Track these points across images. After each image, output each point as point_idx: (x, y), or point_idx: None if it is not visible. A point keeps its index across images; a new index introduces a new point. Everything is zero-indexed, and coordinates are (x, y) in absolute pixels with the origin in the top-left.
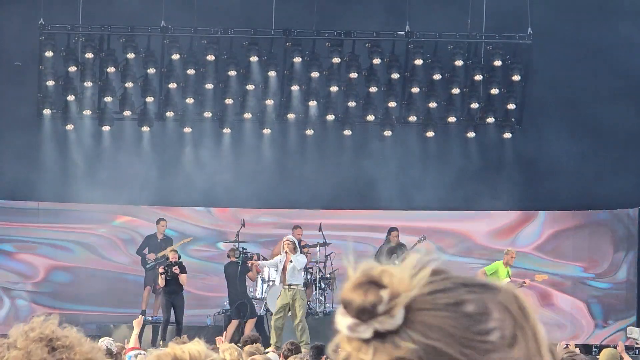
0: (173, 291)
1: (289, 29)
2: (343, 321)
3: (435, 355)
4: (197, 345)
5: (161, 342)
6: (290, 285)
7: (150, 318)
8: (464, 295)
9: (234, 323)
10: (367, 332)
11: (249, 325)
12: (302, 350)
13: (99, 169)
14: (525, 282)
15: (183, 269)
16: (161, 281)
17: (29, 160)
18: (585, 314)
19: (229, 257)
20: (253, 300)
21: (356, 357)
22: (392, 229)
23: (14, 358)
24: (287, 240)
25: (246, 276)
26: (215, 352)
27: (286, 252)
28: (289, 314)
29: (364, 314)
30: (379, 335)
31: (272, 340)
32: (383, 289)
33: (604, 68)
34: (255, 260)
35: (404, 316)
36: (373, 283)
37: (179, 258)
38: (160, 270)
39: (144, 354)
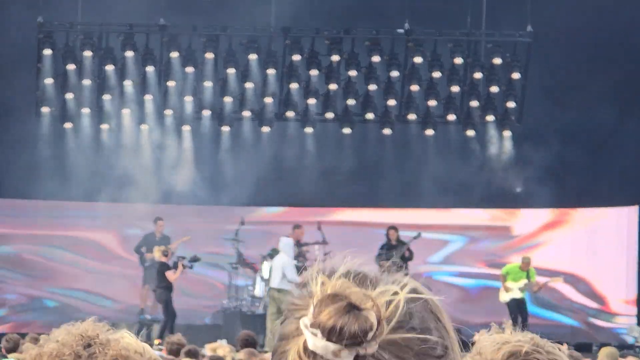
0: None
1: (288, 27)
2: (325, 346)
3: None
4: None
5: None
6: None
7: (148, 317)
8: (411, 310)
9: None
10: (349, 357)
11: None
12: None
13: (97, 167)
14: (542, 286)
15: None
16: (174, 275)
17: (27, 159)
18: None
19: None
20: (252, 298)
21: None
22: (390, 228)
23: (50, 349)
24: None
25: None
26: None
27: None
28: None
29: (354, 340)
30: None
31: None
32: (367, 313)
33: (603, 66)
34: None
35: None
36: (356, 308)
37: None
38: (184, 262)
39: None
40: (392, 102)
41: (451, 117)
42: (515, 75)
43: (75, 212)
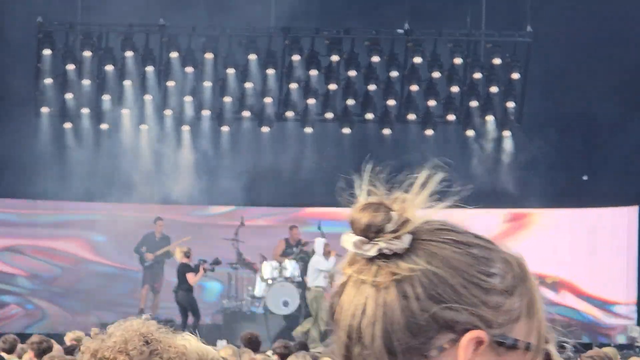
0: None
1: (288, 27)
2: (349, 239)
3: (438, 282)
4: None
5: None
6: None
7: (148, 317)
8: (471, 239)
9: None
10: (372, 250)
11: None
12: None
13: (97, 167)
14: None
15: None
16: (195, 278)
17: (27, 158)
18: None
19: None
20: (252, 298)
21: (357, 278)
22: None
23: (112, 344)
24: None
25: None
26: None
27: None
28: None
29: (372, 231)
30: (383, 257)
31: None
32: (390, 209)
33: (603, 66)
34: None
35: (411, 242)
36: (383, 205)
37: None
38: (206, 266)
39: None
40: (391, 102)
41: (451, 117)
42: (515, 76)
43: (74, 212)
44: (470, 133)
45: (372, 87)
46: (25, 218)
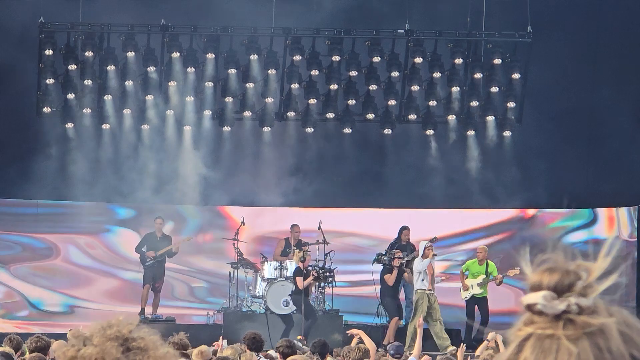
0: None
1: (289, 27)
2: (537, 295)
3: (626, 338)
4: None
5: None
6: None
7: (149, 316)
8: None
9: (395, 321)
10: (562, 304)
11: (393, 325)
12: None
13: (98, 168)
14: (500, 279)
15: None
16: (303, 284)
17: (28, 159)
18: None
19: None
20: (252, 298)
21: (541, 334)
22: (403, 228)
23: (89, 354)
24: (431, 245)
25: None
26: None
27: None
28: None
29: (563, 288)
30: (568, 313)
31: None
32: (576, 272)
33: (603, 66)
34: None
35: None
36: (571, 269)
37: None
38: (318, 272)
39: None
40: (392, 102)
41: (451, 117)
42: (515, 76)
43: (75, 212)
44: (470, 133)
45: (373, 87)
46: (26, 218)
